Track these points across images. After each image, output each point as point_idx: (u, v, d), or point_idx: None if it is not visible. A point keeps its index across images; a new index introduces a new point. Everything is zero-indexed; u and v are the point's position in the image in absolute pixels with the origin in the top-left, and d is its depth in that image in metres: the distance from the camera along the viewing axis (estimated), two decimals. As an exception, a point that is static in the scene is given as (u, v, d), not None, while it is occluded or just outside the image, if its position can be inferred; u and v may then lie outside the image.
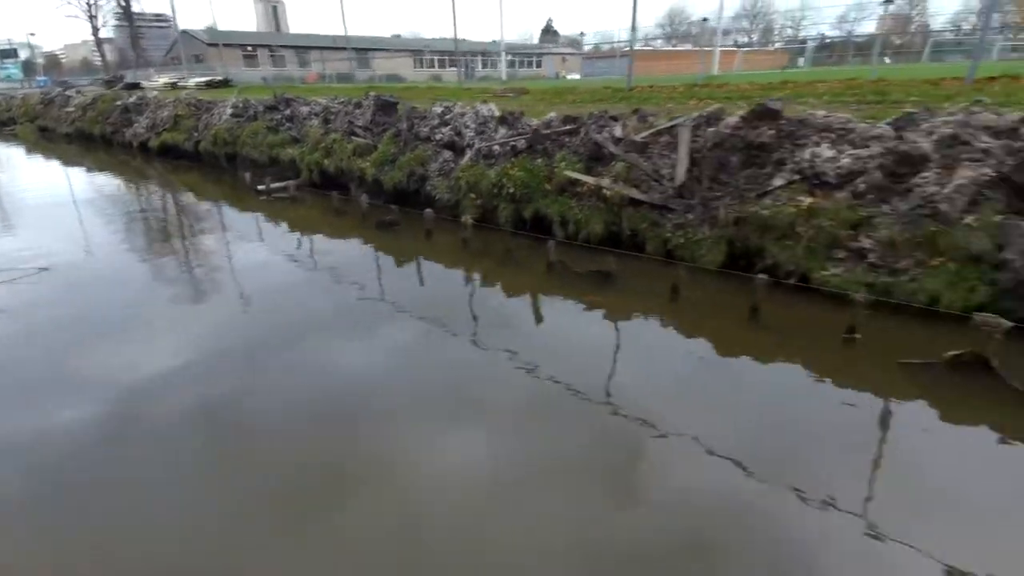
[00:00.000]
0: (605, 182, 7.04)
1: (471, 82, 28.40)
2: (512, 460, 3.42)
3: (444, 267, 7.06)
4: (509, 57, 49.10)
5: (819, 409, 3.86)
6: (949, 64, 15.58)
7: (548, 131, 7.90)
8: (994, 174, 4.91)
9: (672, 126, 7.22)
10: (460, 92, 15.46)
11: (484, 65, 40.40)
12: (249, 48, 39.70)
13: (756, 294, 5.15)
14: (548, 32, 74.92)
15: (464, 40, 46.25)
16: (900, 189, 5.27)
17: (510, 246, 7.35)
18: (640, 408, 3.80)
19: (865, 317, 4.77)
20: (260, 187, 10.59)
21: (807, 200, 5.63)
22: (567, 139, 7.81)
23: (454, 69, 42.17)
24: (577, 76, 39.25)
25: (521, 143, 7.84)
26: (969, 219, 4.78)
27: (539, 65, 51.24)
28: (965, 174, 4.96)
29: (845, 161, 5.59)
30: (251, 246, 8.04)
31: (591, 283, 6.12)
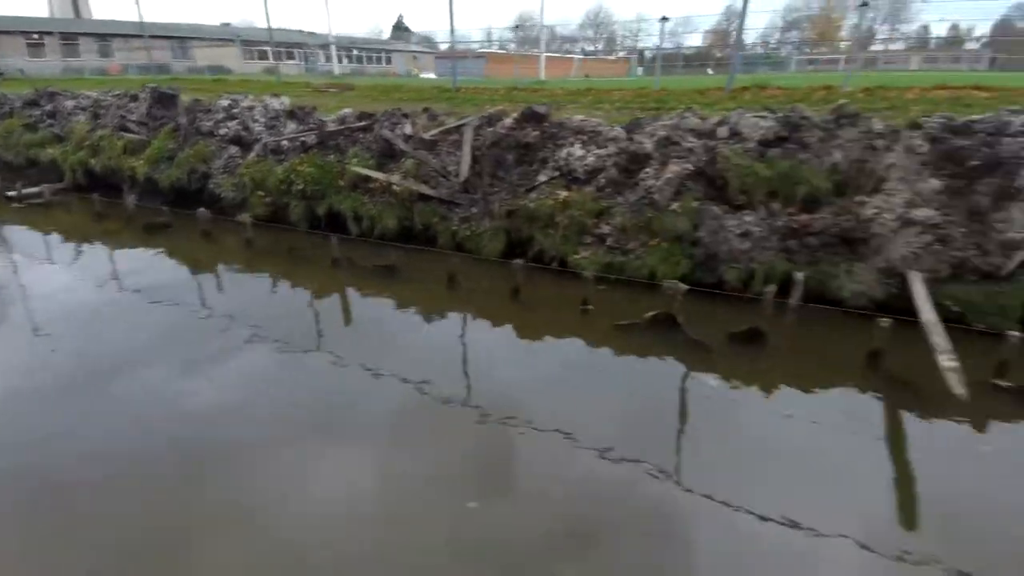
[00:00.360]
0: (395, 178, 7.19)
1: (310, 76, 26.91)
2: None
3: (224, 270, 6.68)
4: (356, 52, 47.44)
5: (553, 364, 4.61)
6: (714, 76, 18.48)
7: (341, 127, 7.84)
8: (693, 168, 5.97)
9: (459, 125, 7.60)
10: (277, 86, 14.62)
11: (327, 59, 38.36)
12: (35, 36, 32.89)
13: (516, 277, 5.70)
14: (399, 28, 73.53)
15: (297, 31, 43.66)
16: (630, 183, 6.17)
17: (297, 244, 7.17)
18: (418, 375, 4.25)
19: (602, 291, 5.55)
20: (11, 193, 9.09)
21: (563, 194, 6.33)
22: (361, 135, 7.83)
23: (292, 62, 39.53)
24: (433, 75, 39.13)
25: (311, 138, 7.69)
26: (675, 206, 5.76)
27: (389, 62, 50.13)
28: (673, 169, 5.95)
29: (591, 160, 6.39)
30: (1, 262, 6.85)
31: (377, 277, 6.24)
